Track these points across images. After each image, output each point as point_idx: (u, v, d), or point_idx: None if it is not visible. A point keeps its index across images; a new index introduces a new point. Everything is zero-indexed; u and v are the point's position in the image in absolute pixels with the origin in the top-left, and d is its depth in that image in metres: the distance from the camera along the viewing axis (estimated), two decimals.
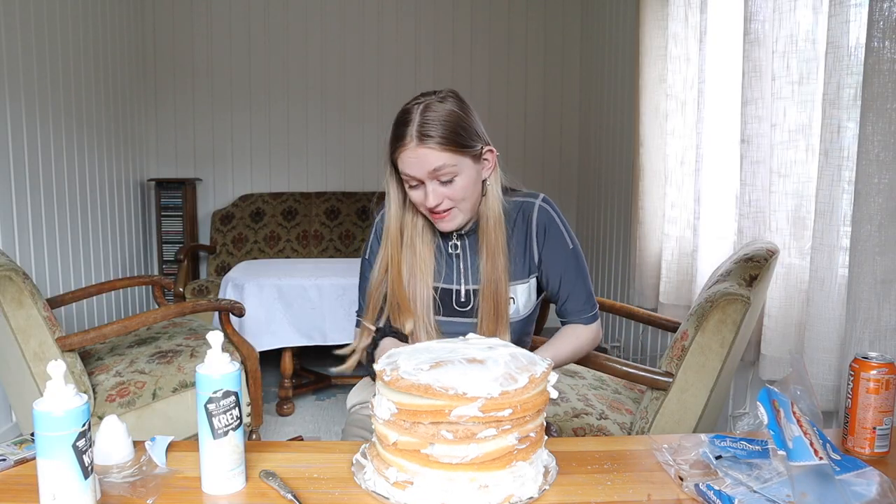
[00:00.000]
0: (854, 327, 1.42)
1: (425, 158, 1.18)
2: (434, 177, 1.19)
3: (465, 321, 1.31)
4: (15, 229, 2.63)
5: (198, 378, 0.88)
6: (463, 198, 1.22)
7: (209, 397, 0.86)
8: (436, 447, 0.83)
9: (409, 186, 1.23)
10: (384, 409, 0.86)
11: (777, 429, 0.88)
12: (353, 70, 4.29)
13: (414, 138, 1.18)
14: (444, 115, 1.19)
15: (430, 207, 1.21)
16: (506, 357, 0.89)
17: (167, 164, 4.27)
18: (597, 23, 3.99)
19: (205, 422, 0.87)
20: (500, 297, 1.27)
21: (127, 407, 1.98)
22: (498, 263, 1.26)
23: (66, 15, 3.07)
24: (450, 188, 1.21)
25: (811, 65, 1.74)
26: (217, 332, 0.91)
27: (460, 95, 1.25)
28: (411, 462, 0.84)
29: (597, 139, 3.95)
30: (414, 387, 0.83)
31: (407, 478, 0.85)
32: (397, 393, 0.85)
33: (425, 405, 0.83)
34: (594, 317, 1.36)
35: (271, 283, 2.84)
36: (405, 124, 1.20)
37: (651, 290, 2.83)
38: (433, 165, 1.18)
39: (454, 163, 1.19)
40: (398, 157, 1.21)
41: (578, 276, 1.32)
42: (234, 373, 0.89)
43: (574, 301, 1.33)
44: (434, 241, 1.32)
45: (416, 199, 1.24)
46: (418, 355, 0.90)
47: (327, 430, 2.80)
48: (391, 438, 0.85)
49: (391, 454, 0.86)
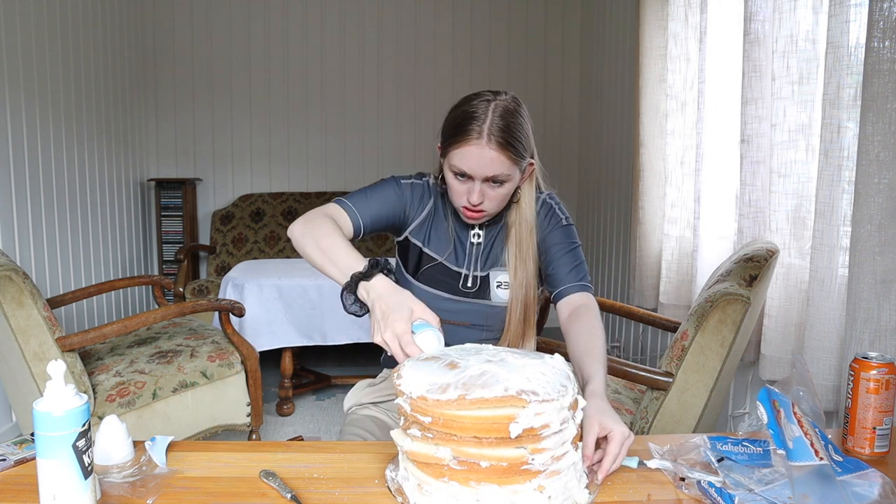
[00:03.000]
0: (854, 327, 1.42)
1: (489, 161, 1.17)
2: (488, 179, 1.19)
3: (469, 301, 1.32)
4: (15, 229, 2.63)
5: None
6: (500, 203, 1.24)
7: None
8: (397, 429, 0.88)
9: (454, 176, 1.22)
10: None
11: (777, 428, 0.88)
12: (354, 70, 4.29)
13: (484, 136, 1.16)
14: (516, 124, 1.18)
15: (472, 203, 1.21)
16: (487, 370, 0.81)
17: (167, 164, 4.27)
18: (597, 23, 3.99)
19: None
20: (528, 303, 1.28)
21: (127, 407, 1.98)
22: (529, 269, 1.27)
23: (67, 15, 3.07)
24: (495, 191, 1.21)
25: (811, 65, 1.74)
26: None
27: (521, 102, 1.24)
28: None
29: (597, 139, 3.95)
30: (395, 370, 0.89)
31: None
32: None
33: (395, 387, 0.88)
34: (585, 286, 1.28)
35: (271, 283, 2.84)
36: (475, 119, 1.17)
37: (651, 290, 2.83)
38: (495, 171, 1.18)
39: (510, 172, 1.19)
40: (458, 149, 1.18)
41: (566, 248, 1.30)
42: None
43: (561, 267, 1.29)
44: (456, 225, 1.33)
45: (456, 190, 1.22)
46: (438, 348, 0.95)
47: (327, 430, 2.80)
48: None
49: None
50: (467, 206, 1.22)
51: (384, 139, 4.36)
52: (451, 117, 1.22)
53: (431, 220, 1.34)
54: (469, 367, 0.82)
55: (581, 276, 1.29)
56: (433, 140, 1.29)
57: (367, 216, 1.26)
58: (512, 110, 1.19)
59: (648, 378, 1.56)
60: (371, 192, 1.30)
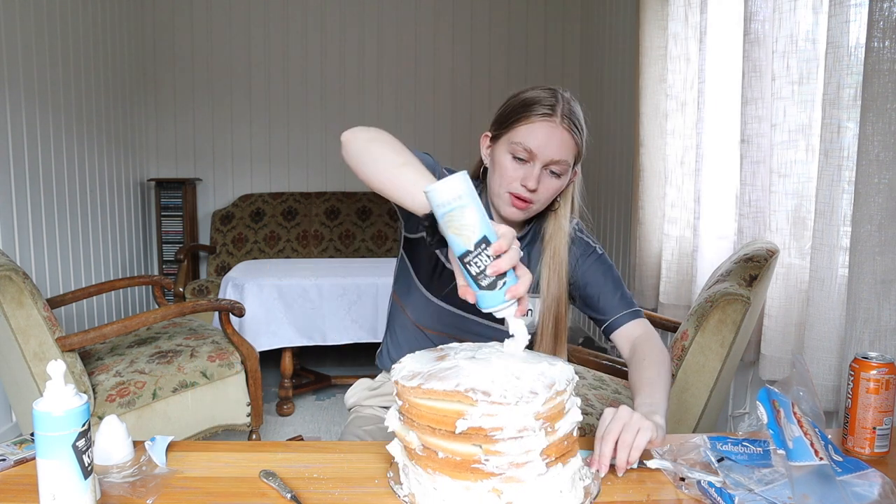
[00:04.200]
0: (854, 327, 1.42)
1: (560, 141, 1.12)
2: (549, 164, 1.13)
3: (479, 321, 1.25)
4: (15, 229, 2.63)
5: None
6: (549, 198, 1.18)
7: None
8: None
9: (512, 158, 1.14)
10: None
11: (777, 428, 0.88)
12: (353, 70, 4.29)
13: (557, 115, 1.12)
14: (583, 117, 1.16)
15: (529, 188, 1.13)
16: (461, 365, 0.82)
17: (167, 164, 4.27)
18: (597, 23, 3.99)
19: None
20: (560, 315, 1.23)
21: (127, 407, 1.98)
22: (562, 281, 1.22)
23: (67, 15, 3.07)
24: (551, 181, 1.15)
25: (811, 65, 1.74)
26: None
27: None
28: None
29: (597, 139, 3.95)
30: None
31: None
32: None
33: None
34: (636, 313, 1.22)
35: (271, 283, 2.84)
36: (545, 100, 1.13)
37: (651, 290, 2.83)
38: (562, 154, 1.13)
39: (570, 161, 1.15)
40: (525, 125, 1.12)
41: (607, 277, 1.24)
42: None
43: (608, 298, 1.22)
44: None
45: (510, 174, 1.14)
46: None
47: (327, 430, 2.80)
48: None
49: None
50: (518, 195, 1.14)
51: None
52: (513, 102, 1.17)
53: None
54: (450, 360, 0.85)
55: (629, 303, 1.23)
56: (433, 140, 1.27)
57: (438, 165, 1.13)
58: (577, 104, 1.17)
59: None
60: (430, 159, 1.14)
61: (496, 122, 1.20)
